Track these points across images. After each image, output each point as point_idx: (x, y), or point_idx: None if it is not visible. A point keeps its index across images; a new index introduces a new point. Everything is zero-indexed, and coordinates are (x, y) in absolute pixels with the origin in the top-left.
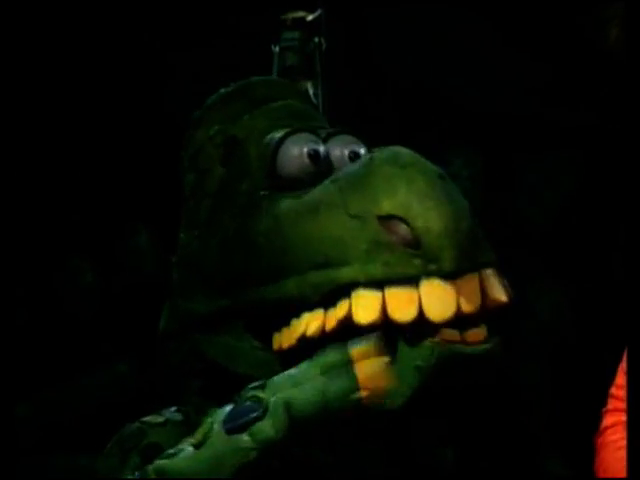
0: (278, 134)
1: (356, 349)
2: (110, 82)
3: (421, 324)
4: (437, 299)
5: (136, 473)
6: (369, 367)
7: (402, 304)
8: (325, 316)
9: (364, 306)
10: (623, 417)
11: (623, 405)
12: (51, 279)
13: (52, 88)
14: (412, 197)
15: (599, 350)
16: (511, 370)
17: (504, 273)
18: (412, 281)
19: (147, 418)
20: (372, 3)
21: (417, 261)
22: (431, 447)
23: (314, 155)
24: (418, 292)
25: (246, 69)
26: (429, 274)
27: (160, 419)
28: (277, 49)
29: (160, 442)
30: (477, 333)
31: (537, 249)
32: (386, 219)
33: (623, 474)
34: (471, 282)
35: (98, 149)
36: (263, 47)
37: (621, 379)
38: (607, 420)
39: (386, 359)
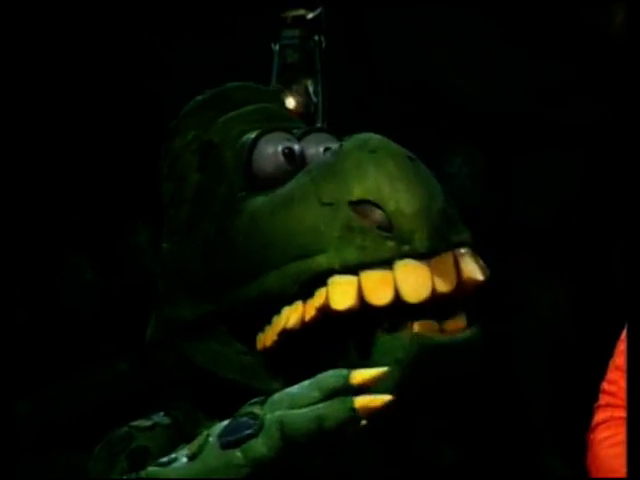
0: (252, 134)
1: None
2: (109, 82)
3: (398, 308)
4: (412, 280)
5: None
6: (368, 399)
7: (378, 287)
8: (304, 307)
9: (340, 292)
10: (615, 413)
11: (615, 400)
12: (51, 278)
13: (53, 88)
14: (382, 180)
15: (599, 347)
16: (511, 367)
17: (505, 271)
18: (386, 264)
19: (135, 422)
20: (372, 1)
21: (390, 243)
22: (430, 444)
23: (289, 153)
24: (393, 274)
25: (247, 67)
26: (403, 255)
27: (148, 423)
28: (277, 47)
29: (148, 446)
30: (456, 321)
31: (537, 247)
32: (358, 204)
33: (616, 471)
34: (445, 261)
35: (98, 148)
36: (263, 45)
37: (612, 374)
38: (599, 416)
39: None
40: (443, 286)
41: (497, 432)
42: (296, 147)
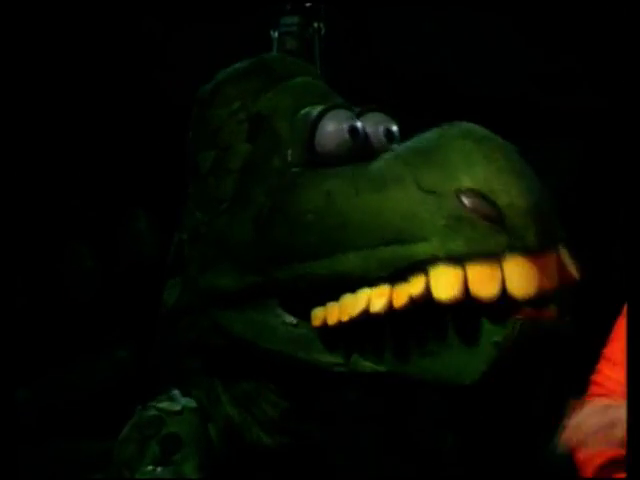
0: (315, 110)
1: None
2: (108, 67)
3: (501, 301)
4: (520, 275)
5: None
6: None
7: (485, 280)
8: (392, 292)
9: (445, 282)
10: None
11: (600, 390)
12: (51, 264)
13: (53, 75)
14: (492, 172)
15: (599, 340)
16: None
17: None
18: (495, 257)
19: (163, 405)
20: None
21: (501, 237)
22: (431, 432)
23: (354, 131)
24: (501, 268)
25: (246, 55)
26: (513, 250)
27: (177, 407)
28: (276, 34)
29: (179, 432)
30: (551, 310)
31: None
32: (466, 194)
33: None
34: (551, 258)
35: (97, 134)
36: (262, 32)
37: (600, 364)
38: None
39: None
40: (548, 283)
41: (497, 420)
42: (359, 125)
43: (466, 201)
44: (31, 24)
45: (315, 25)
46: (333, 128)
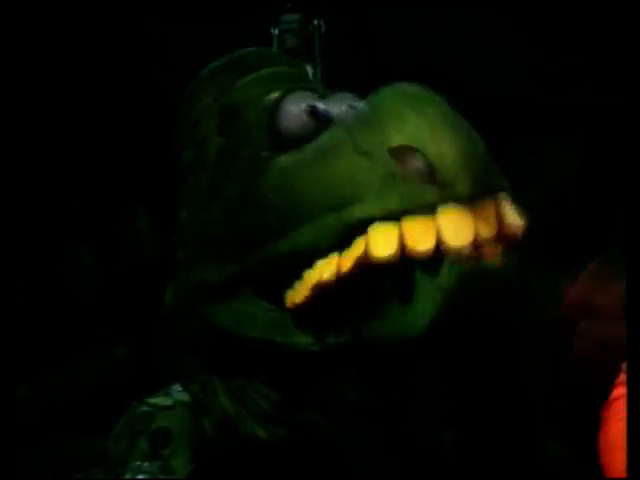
0: (275, 94)
1: None
2: (108, 64)
3: (439, 253)
4: (455, 225)
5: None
6: None
7: (420, 234)
8: (340, 259)
9: (382, 240)
10: None
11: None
12: (50, 263)
13: (52, 72)
14: (423, 126)
15: None
16: (510, 351)
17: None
18: (429, 210)
19: (155, 400)
20: None
21: (433, 189)
22: (431, 429)
23: (313, 111)
24: (435, 220)
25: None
26: (445, 200)
27: (168, 402)
28: (276, 32)
29: (168, 427)
30: (493, 249)
31: (536, 233)
32: (397, 151)
33: (622, 447)
34: (488, 207)
35: (98, 132)
36: (263, 29)
37: None
38: (614, 393)
39: None
40: (485, 231)
41: (496, 415)
42: (320, 105)
43: (397, 157)
44: (26, 20)
45: (315, 22)
46: (292, 110)
